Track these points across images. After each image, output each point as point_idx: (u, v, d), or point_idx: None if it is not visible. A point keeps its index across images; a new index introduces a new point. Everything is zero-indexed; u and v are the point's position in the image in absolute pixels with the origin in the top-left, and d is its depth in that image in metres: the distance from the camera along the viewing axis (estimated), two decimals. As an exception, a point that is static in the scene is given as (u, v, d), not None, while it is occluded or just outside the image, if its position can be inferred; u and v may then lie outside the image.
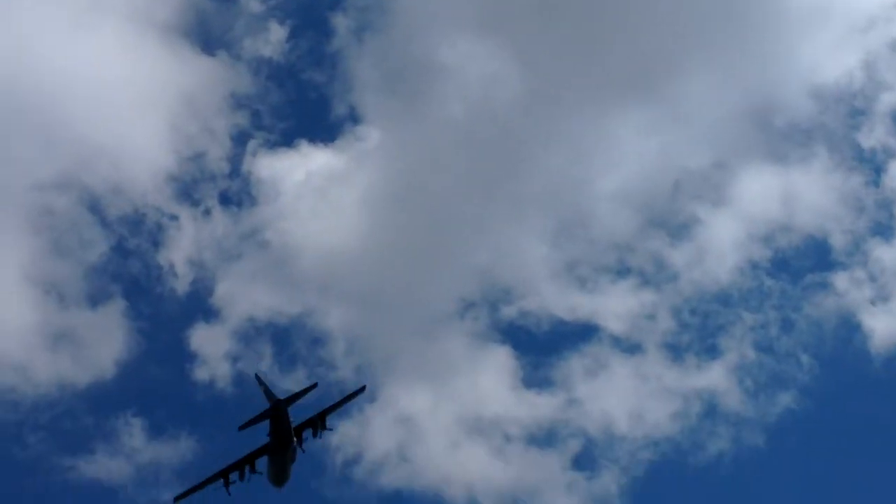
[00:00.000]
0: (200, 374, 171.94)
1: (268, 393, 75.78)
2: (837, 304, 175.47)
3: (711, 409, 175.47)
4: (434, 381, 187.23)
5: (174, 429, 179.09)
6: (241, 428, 74.93)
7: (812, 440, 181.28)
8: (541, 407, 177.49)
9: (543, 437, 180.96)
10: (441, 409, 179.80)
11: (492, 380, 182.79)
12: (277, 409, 74.91)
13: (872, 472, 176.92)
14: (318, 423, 78.37)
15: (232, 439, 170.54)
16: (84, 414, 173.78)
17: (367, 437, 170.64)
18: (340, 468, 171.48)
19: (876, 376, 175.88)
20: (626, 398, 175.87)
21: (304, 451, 77.62)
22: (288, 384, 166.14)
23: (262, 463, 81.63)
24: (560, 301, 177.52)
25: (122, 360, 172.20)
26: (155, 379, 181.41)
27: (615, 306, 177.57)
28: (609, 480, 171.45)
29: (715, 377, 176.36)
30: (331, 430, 79.16)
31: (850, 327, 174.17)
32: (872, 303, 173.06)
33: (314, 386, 76.52)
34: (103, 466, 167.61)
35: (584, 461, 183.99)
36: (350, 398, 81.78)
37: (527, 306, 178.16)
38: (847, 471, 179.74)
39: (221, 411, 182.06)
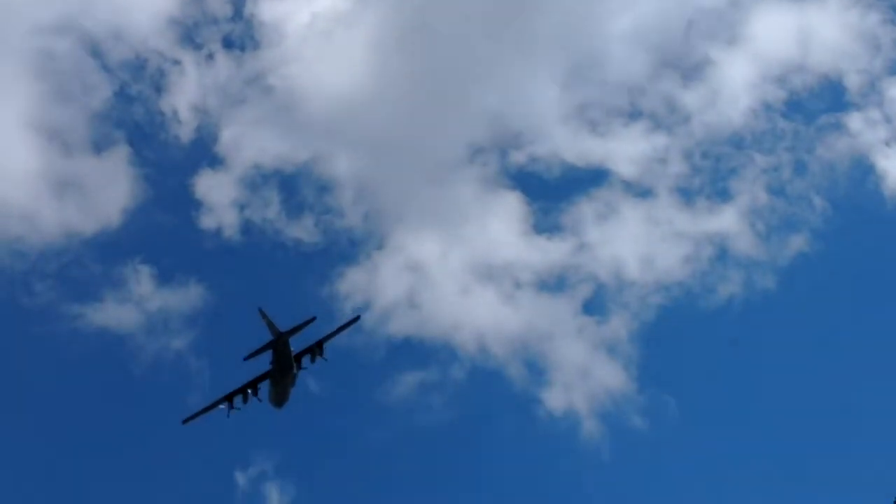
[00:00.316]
0: (207, 221, 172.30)
1: (271, 326, 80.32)
2: (851, 146, 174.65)
3: (723, 253, 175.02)
4: (443, 228, 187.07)
5: (182, 276, 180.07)
6: (247, 358, 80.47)
7: (824, 283, 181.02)
8: (551, 252, 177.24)
9: (554, 283, 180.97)
10: (450, 256, 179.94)
11: (502, 226, 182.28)
12: (280, 341, 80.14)
13: (884, 313, 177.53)
14: (315, 350, 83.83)
15: (238, 286, 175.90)
16: (91, 262, 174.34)
17: (377, 284, 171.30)
18: (350, 316, 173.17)
19: (889, 218, 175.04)
20: (637, 243, 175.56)
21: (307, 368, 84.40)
22: (295, 232, 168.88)
23: (264, 386, 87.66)
24: (571, 145, 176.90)
25: (127, 207, 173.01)
26: (161, 227, 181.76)
27: (626, 150, 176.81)
28: (619, 325, 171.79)
29: (726, 221, 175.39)
30: (326, 359, 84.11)
31: (863, 169, 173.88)
32: (887, 144, 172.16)
33: (313, 319, 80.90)
34: (112, 314, 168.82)
35: (595, 306, 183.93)
36: (344, 328, 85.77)
37: (537, 151, 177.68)
38: (858, 313, 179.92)
39: (229, 259, 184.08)
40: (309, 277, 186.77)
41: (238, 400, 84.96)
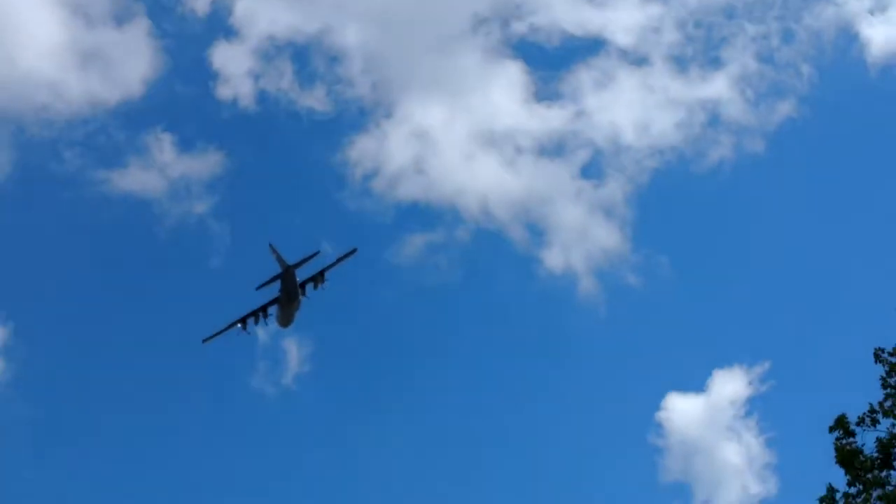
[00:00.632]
0: (224, 91, 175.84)
1: (279, 259, 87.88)
2: (837, 14, 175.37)
3: (714, 119, 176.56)
4: (448, 96, 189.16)
5: (202, 144, 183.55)
6: (259, 288, 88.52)
7: (810, 148, 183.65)
8: (551, 119, 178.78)
9: (553, 148, 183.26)
10: (455, 123, 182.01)
11: (504, 94, 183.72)
12: (287, 272, 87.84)
13: (867, 178, 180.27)
14: (318, 279, 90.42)
15: (254, 154, 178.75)
16: (116, 130, 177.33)
17: (385, 151, 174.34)
18: (360, 181, 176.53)
19: (872, 85, 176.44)
20: (633, 109, 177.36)
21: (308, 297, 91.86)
22: (308, 101, 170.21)
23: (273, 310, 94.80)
24: (569, 15, 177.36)
25: (148, 78, 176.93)
26: (181, 97, 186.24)
27: (623, 20, 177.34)
28: (615, 188, 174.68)
29: (718, 87, 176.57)
30: (328, 282, 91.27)
31: (848, 37, 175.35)
32: (871, 12, 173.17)
33: (317, 253, 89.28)
34: (136, 179, 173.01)
35: (592, 170, 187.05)
36: (343, 259, 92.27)
37: (537, 21, 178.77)
38: (843, 177, 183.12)
39: (245, 128, 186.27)
40: (321, 145, 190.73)
41: (251, 322, 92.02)
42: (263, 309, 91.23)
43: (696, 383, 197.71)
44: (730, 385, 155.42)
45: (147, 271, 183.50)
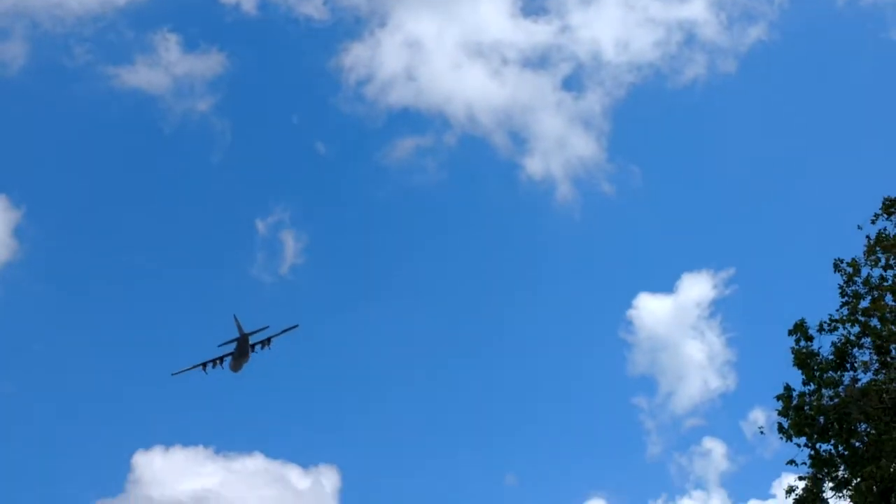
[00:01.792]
0: None
1: (239, 328, 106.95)
2: None
3: (690, 39, 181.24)
4: (439, 8, 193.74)
5: (205, 45, 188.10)
6: (220, 346, 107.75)
7: (778, 70, 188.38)
8: (536, 33, 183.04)
9: (537, 61, 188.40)
10: (445, 34, 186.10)
11: (492, 8, 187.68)
12: (242, 338, 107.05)
13: (832, 99, 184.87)
14: (266, 343, 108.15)
15: (255, 57, 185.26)
16: (124, 28, 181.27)
17: (377, 58, 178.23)
18: (354, 87, 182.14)
19: (838, 13, 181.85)
20: (614, 27, 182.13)
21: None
22: (307, 9, 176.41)
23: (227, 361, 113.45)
24: None
25: None
26: None
27: None
28: (594, 101, 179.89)
29: (695, 9, 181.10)
30: (270, 348, 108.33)
31: None
32: None
33: (266, 327, 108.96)
34: (144, 76, 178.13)
35: (573, 83, 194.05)
36: (286, 331, 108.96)
37: None
38: (808, 98, 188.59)
39: (247, 31, 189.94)
40: (317, 51, 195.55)
41: (209, 366, 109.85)
42: (221, 359, 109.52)
43: (664, 285, 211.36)
44: (696, 288, 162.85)
45: (151, 164, 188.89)
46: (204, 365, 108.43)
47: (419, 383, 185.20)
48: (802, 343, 40.22)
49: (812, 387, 39.62)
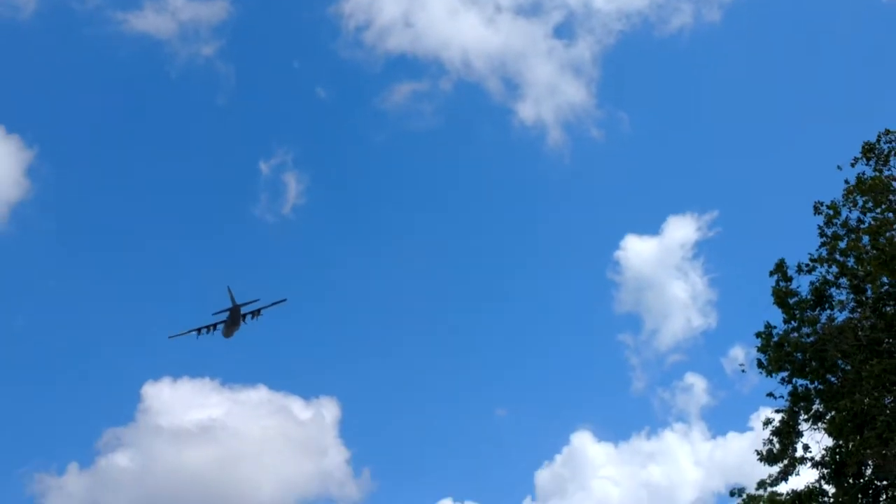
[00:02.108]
0: None
1: (232, 300, 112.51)
2: None
3: None
4: None
5: None
6: (215, 314, 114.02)
7: (761, 19, 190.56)
8: None
9: (529, 9, 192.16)
10: None
11: None
12: (235, 308, 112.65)
13: (813, 47, 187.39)
14: (256, 313, 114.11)
15: (259, 4, 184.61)
16: None
17: (376, 5, 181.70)
18: (353, 33, 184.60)
19: None
20: None
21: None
22: None
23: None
24: None
25: None
26: None
27: None
28: (584, 49, 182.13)
29: None
30: (261, 318, 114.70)
31: None
32: None
33: (257, 300, 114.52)
34: (151, 22, 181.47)
35: (565, 31, 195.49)
36: (274, 304, 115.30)
37: None
38: (789, 46, 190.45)
39: None
40: None
41: (204, 331, 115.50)
42: (214, 326, 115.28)
43: (650, 227, 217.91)
44: (681, 230, 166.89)
45: (158, 106, 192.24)
46: (198, 330, 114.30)
47: (415, 320, 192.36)
48: (782, 283, 41.71)
49: (791, 325, 41.21)
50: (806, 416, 41.43)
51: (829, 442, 41.51)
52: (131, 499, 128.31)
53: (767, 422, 42.29)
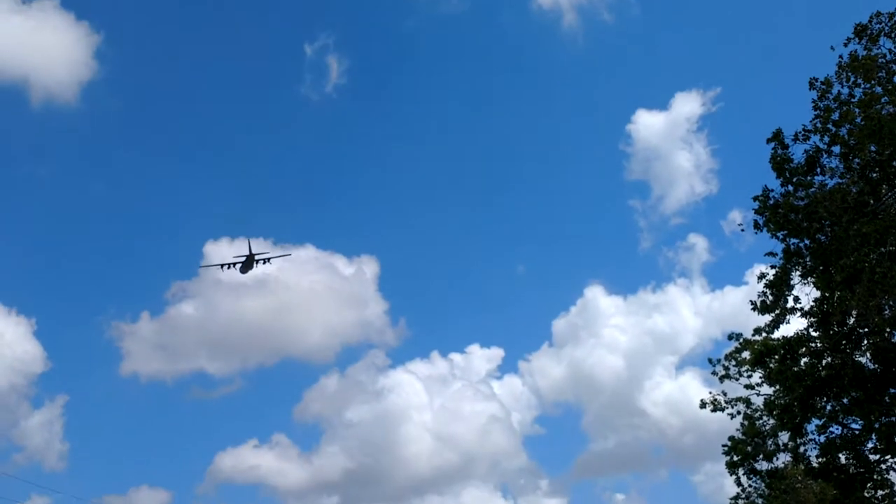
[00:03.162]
0: None
1: (249, 249, 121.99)
2: None
3: None
4: None
5: None
6: (235, 258, 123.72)
7: None
8: None
9: None
10: None
11: None
12: (250, 256, 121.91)
13: None
14: (267, 261, 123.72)
15: None
16: None
17: None
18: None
19: None
20: None
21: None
22: None
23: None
24: None
25: None
26: None
27: None
28: None
29: None
30: (270, 263, 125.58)
31: None
32: None
33: (267, 252, 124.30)
34: None
35: None
36: (281, 256, 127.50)
37: None
38: None
39: None
40: None
41: (226, 267, 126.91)
42: (234, 264, 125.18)
43: (659, 102, 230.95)
44: (687, 105, 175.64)
45: None
46: (222, 266, 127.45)
47: (445, 186, 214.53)
48: (779, 150, 45.66)
49: (787, 189, 45.37)
50: (797, 272, 46.00)
51: (817, 294, 46.31)
52: (196, 342, 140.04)
53: (762, 276, 46.87)
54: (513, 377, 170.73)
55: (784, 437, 56.74)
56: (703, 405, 61.13)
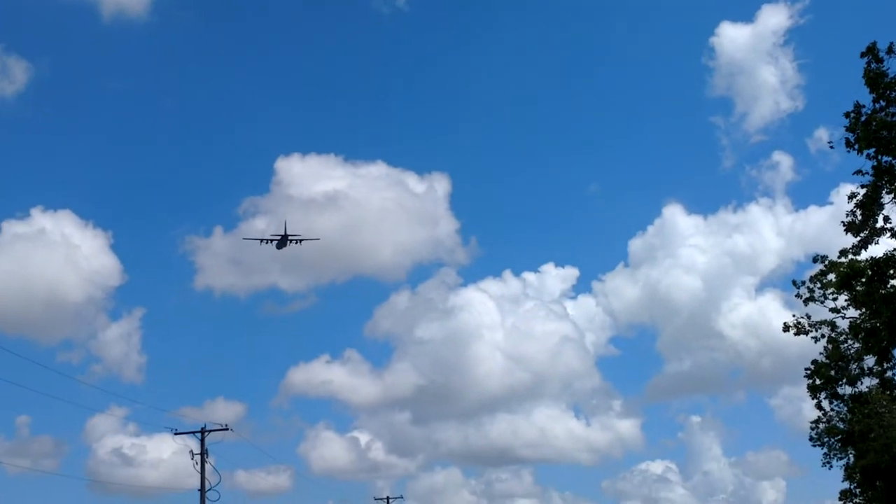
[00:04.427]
0: None
1: (285, 230, 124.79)
2: None
3: None
4: None
5: None
6: (272, 235, 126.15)
7: None
8: None
9: None
10: None
11: None
12: (283, 237, 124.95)
13: None
14: (299, 241, 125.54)
15: None
16: None
17: None
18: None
19: None
20: None
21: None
22: None
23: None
24: None
25: None
26: None
27: None
28: None
29: None
30: (300, 243, 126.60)
31: None
32: None
33: (299, 234, 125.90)
34: None
35: None
36: (310, 240, 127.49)
37: None
38: None
39: None
40: None
41: (264, 242, 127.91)
42: (271, 240, 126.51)
43: (745, 14, 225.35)
44: (774, 17, 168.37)
45: None
46: (261, 240, 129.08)
47: (518, 101, 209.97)
48: (873, 64, 43.84)
49: (879, 104, 43.63)
50: (888, 190, 44.44)
51: (908, 214, 44.76)
52: (269, 258, 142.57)
53: (852, 195, 45.41)
54: (587, 297, 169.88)
55: (869, 361, 55.59)
56: (786, 328, 59.95)
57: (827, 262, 56.99)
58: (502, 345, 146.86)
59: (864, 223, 45.78)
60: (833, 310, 58.38)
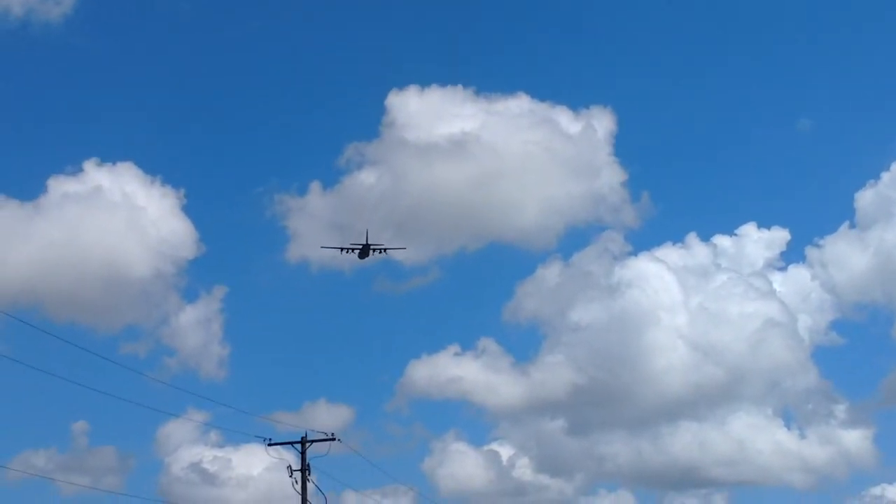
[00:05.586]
0: None
1: (367, 239, 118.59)
2: None
3: None
4: None
5: None
6: (352, 244, 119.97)
7: None
8: None
9: None
10: None
11: None
12: (365, 246, 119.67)
13: None
14: (382, 252, 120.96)
15: None
16: None
17: None
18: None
19: None
20: None
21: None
22: None
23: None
24: None
25: None
26: None
27: None
28: None
29: None
30: (384, 253, 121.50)
31: None
32: None
33: (382, 244, 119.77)
34: None
35: None
36: (395, 249, 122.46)
37: None
38: None
39: None
40: None
41: (345, 251, 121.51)
42: (352, 250, 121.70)
43: None
44: None
45: None
46: (342, 249, 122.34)
47: (704, 19, 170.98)
48: None
49: None
50: None
51: None
52: (379, 220, 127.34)
53: None
54: (800, 268, 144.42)
55: None
56: None
57: None
58: (686, 331, 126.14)
59: None
60: None
